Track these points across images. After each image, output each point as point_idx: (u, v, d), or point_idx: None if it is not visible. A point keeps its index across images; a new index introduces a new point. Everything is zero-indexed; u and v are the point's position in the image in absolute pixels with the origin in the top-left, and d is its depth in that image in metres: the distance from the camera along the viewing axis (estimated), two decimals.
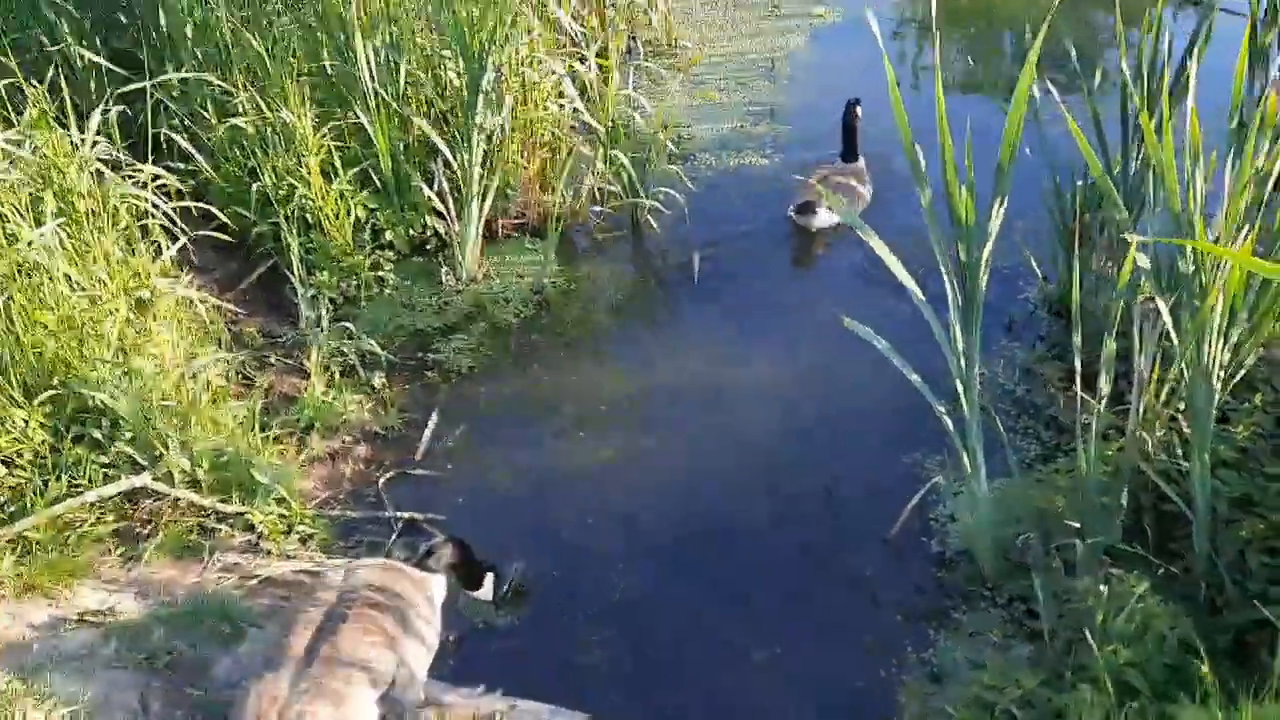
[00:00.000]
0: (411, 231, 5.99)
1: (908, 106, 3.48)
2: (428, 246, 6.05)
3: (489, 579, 3.91)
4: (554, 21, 6.32)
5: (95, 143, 4.74)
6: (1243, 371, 3.70)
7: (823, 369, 5.06)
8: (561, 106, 6.19)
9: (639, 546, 4.29)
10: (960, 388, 3.71)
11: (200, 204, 5.41)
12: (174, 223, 5.03)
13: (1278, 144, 3.33)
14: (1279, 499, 3.44)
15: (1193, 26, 4.51)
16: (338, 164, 5.59)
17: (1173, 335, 3.51)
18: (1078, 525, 3.63)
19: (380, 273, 5.79)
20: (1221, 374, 3.52)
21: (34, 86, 4.60)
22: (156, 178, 5.08)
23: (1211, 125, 3.44)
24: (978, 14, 8.77)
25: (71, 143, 4.58)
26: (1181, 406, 3.74)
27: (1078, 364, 3.55)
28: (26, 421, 4.09)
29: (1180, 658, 3.15)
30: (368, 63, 5.55)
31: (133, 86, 5.45)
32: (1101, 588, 3.31)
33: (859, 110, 6.26)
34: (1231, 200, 3.31)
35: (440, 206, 5.75)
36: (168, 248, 4.98)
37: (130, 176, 4.91)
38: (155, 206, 4.92)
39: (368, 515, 4.49)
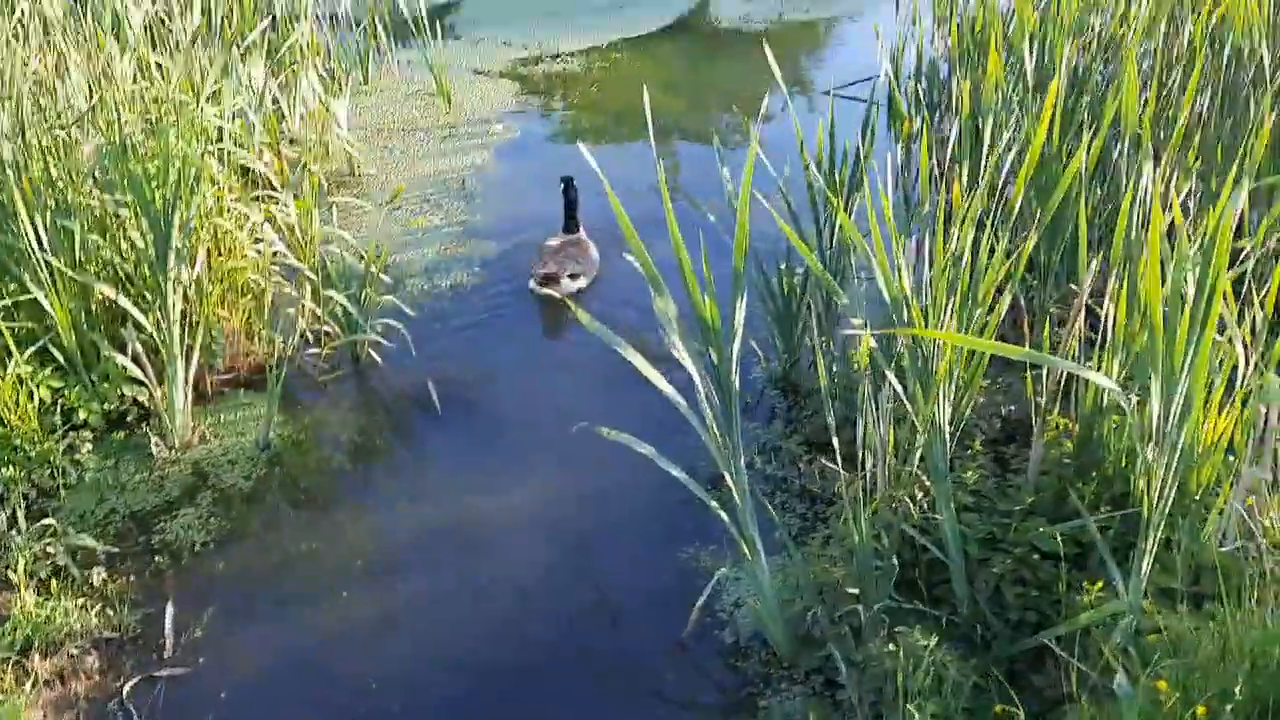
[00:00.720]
0: (108, 405, 5.46)
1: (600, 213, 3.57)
2: (129, 418, 5.53)
3: None
4: (239, 166, 6.06)
5: None
6: (962, 424, 4.13)
7: (585, 480, 5.06)
8: (259, 252, 5.91)
9: (431, 704, 4.07)
10: (730, 479, 3.84)
11: None
12: None
13: (963, 227, 3.78)
14: (1018, 533, 3.84)
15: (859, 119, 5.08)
16: (10, 344, 5.02)
17: (905, 403, 3.87)
18: (857, 591, 3.86)
19: (77, 456, 5.21)
20: (949, 430, 3.91)
21: None
22: None
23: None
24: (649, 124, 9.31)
25: None
26: (919, 462, 4.09)
27: (835, 441, 3.81)
28: None
29: (974, 700, 3.41)
30: (34, 232, 5.05)
31: None
32: (890, 646, 3.52)
33: (575, 184, 6.75)
34: (936, 280, 3.71)
35: (138, 373, 5.29)
36: None
37: None
38: None
39: None
